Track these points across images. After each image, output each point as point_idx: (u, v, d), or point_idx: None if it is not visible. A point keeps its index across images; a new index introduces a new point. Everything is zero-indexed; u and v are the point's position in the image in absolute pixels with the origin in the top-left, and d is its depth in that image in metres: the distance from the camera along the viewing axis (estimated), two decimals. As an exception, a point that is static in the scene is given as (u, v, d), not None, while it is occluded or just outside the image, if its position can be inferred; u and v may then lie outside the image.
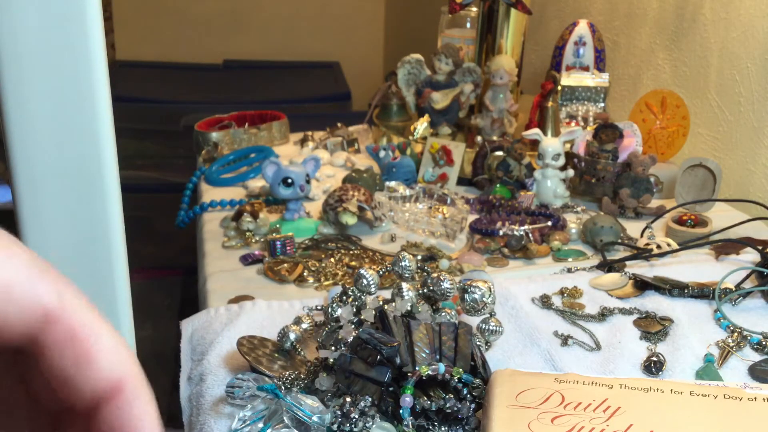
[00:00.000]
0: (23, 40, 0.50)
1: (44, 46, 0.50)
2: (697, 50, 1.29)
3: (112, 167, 0.54)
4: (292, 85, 2.88)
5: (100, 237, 0.56)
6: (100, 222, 0.55)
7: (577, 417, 0.55)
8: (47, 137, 0.52)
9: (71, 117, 0.52)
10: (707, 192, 1.09)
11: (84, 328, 0.23)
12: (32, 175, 0.53)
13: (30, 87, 0.51)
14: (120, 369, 0.24)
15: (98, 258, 0.56)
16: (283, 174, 1.02)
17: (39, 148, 0.52)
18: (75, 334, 0.23)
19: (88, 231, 0.55)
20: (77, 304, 0.23)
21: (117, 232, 0.56)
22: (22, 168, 0.52)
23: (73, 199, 0.54)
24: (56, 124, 0.52)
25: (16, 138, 0.51)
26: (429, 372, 0.59)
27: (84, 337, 0.23)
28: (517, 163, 1.15)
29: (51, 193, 0.54)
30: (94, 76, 0.51)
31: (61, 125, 0.52)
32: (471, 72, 1.28)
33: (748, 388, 0.58)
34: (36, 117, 0.51)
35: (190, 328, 0.79)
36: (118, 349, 0.24)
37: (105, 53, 0.52)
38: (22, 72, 0.50)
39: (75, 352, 0.23)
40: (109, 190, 0.55)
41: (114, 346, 0.24)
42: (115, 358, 0.24)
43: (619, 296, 0.84)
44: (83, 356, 0.23)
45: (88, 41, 0.51)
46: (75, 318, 0.23)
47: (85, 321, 0.23)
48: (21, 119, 0.51)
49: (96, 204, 0.55)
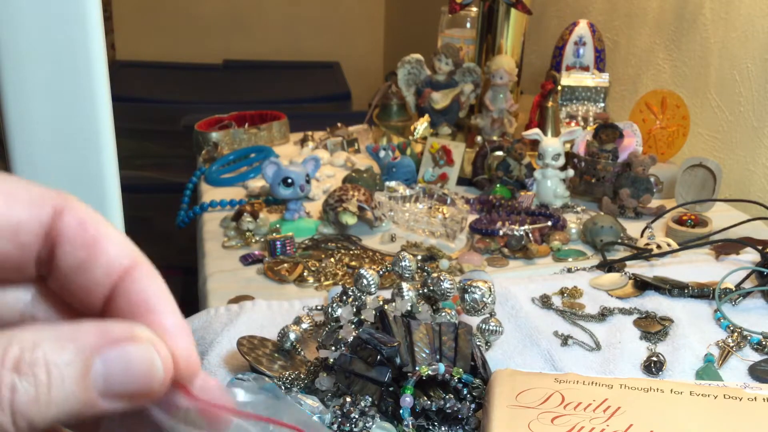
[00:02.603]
0: (23, 40, 0.50)
1: (44, 46, 0.50)
2: (697, 50, 1.29)
3: (112, 167, 0.54)
4: (292, 85, 2.88)
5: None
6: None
7: (577, 417, 0.55)
8: (47, 137, 0.52)
9: (71, 117, 0.52)
10: (707, 192, 1.09)
11: (90, 217, 0.26)
12: (32, 175, 0.53)
13: (30, 87, 0.51)
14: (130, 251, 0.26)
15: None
16: (283, 174, 1.02)
17: (39, 148, 0.52)
18: (83, 221, 0.26)
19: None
20: (80, 203, 0.26)
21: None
22: (22, 168, 0.52)
23: (73, 199, 0.54)
24: (56, 124, 0.52)
25: (16, 138, 0.51)
26: (429, 372, 0.59)
27: (91, 223, 0.26)
28: (517, 163, 1.15)
29: (51, 193, 0.53)
30: (94, 76, 0.51)
31: (61, 125, 0.52)
32: (471, 72, 1.28)
33: (748, 388, 0.58)
34: (36, 117, 0.51)
35: (190, 328, 0.79)
36: (123, 236, 0.27)
37: (105, 53, 0.52)
38: (22, 72, 0.50)
39: (85, 236, 0.26)
40: (109, 190, 0.55)
41: (121, 235, 0.27)
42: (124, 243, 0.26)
43: (619, 296, 0.84)
44: (93, 239, 0.26)
45: (88, 41, 0.51)
46: (80, 209, 0.26)
47: (90, 212, 0.26)
48: (21, 119, 0.51)
49: (96, 204, 0.55)
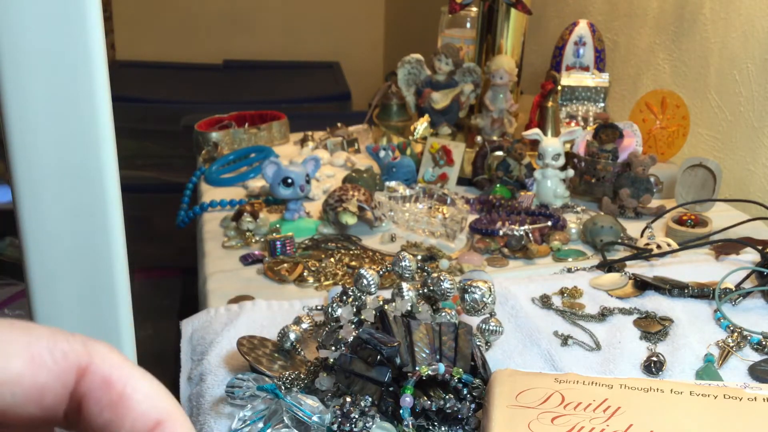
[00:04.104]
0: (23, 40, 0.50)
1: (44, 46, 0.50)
2: (697, 50, 1.29)
3: (112, 167, 0.54)
4: (292, 85, 2.88)
5: (100, 237, 0.55)
6: (100, 222, 0.55)
7: (577, 417, 0.55)
8: (47, 137, 0.52)
9: (71, 117, 0.52)
10: (707, 192, 1.09)
11: (117, 372, 0.24)
12: (32, 175, 0.53)
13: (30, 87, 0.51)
14: (159, 407, 0.24)
15: (98, 258, 0.56)
16: (283, 174, 1.02)
17: (39, 147, 0.52)
18: (108, 380, 0.24)
19: (88, 231, 0.55)
20: (107, 352, 0.24)
21: (117, 232, 0.56)
22: (22, 168, 0.52)
23: (73, 199, 0.54)
24: (56, 124, 0.52)
25: (16, 138, 0.51)
26: (429, 372, 0.59)
27: (117, 381, 0.24)
28: (517, 163, 1.15)
29: (51, 193, 0.53)
30: (94, 76, 0.51)
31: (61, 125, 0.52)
32: (471, 72, 1.28)
33: (748, 388, 0.58)
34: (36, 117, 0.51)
35: (190, 328, 0.79)
36: (154, 389, 0.25)
37: (105, 53, 0.52)
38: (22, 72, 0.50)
39: (110, 396, 0.24)
40: (109, 190, 0.55)
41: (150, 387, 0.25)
42: (153, 398, 0.24)
43: (619, 296, 0.84)
44: (119, 399, 0.24)
45: (88, 41, 0.51)
46: (106, 365, 0.24)
47: (116, 366, 0.24)
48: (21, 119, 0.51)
49: (96, 204, 0.54)
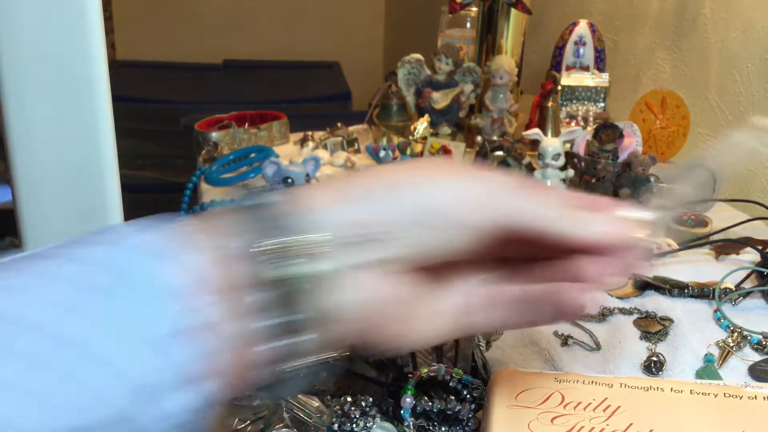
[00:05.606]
0: (23, 40, 0.50)
1: (44, 46, 0.50)
2: (697, 50, 1.29)
3: (112, 167, 0.54)
4: (292, 85, 2.87)
5: (100, 237, 0.55)
6: (100, 222, 0.55)
7: (577, 416, 0.55)
8: (47, 137, 0.52)
9: (71, 117, 0.52)
10: (707, 192, 1.09)
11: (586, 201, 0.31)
12: (32, 175, 0.53)
13: (30, 87, 0.51)
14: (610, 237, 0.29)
15: (98, 258, 0.56)
16: (283, 174, 1.02)
17: (39, 147, 0.52)
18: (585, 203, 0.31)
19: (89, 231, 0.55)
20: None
21: (117, 232, 0.56)
22: (22, 168, 0.52)
23: (73, 199, 0.54)
24: (56, 124, 0.52)
25: (16, 138, 0.51)
26: (429, 373, 0.59)
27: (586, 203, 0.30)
28: (517, 163, 1.15)
29: (51, 193, 0.53)
30: (94, 76, 0.51)
31: (61, 125, 0.52)
32: (471, 72, 1.28)
33: (749, 387, 0.58)
34: (36, 117, 0.51)
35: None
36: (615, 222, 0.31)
37: (105, 53, 0.52)
38: (22, 72, 0.50)
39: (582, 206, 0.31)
40: (109, 190, 0.55)
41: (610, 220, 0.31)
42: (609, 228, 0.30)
43: (619, 296, 0.84)
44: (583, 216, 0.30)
45: (88, 41, 0.51)
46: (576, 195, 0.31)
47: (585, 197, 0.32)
48: (21, 119, 0.51)
49: (96, 204, 0.54)
